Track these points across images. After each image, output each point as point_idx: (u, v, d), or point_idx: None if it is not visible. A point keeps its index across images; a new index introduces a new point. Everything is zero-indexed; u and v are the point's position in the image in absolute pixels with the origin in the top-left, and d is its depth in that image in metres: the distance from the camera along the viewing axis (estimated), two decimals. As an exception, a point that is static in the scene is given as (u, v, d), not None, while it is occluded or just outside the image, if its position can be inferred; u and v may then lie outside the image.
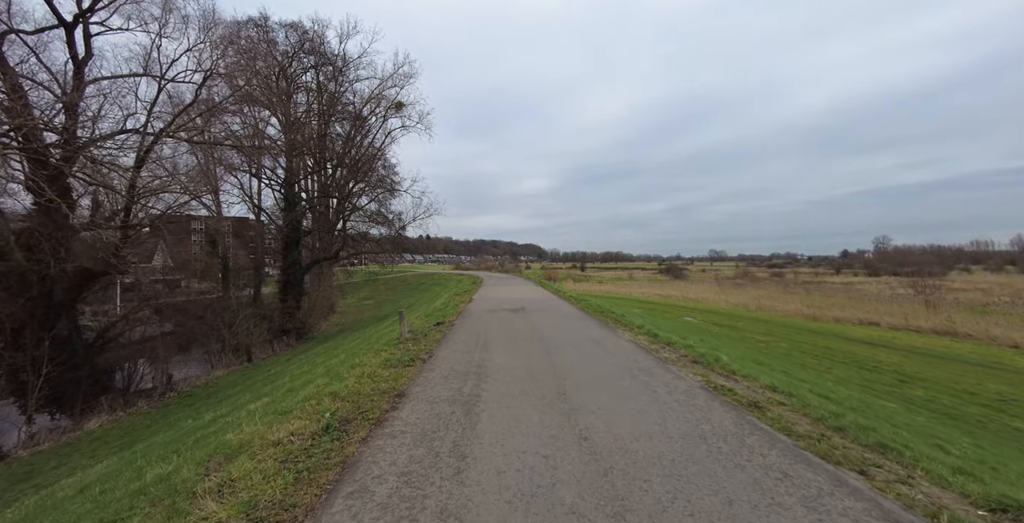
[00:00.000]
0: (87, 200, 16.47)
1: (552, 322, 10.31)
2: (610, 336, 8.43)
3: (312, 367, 11.42)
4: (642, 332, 9.19)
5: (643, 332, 9.18)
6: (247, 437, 3.96)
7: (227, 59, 14.16)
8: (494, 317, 11.13)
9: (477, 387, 5.05)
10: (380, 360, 6.53)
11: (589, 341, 7.87)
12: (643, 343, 7.90)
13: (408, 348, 7.40)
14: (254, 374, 16.82)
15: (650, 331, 9.14)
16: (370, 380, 5.45)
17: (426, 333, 8.95)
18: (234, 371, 18.42)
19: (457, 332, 8.99)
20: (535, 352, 6.90)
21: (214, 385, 16.41)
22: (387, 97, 31.40)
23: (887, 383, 14.31)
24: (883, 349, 20.22)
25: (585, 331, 9.04)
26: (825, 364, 16.80)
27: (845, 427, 3.82)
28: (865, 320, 29.17)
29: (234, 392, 13.38)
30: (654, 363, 6.29)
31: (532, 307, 13.33)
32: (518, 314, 11.62)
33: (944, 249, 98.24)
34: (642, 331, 9.26)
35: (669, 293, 47.72)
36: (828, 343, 20.97)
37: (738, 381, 5.56)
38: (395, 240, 29.99)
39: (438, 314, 12.01)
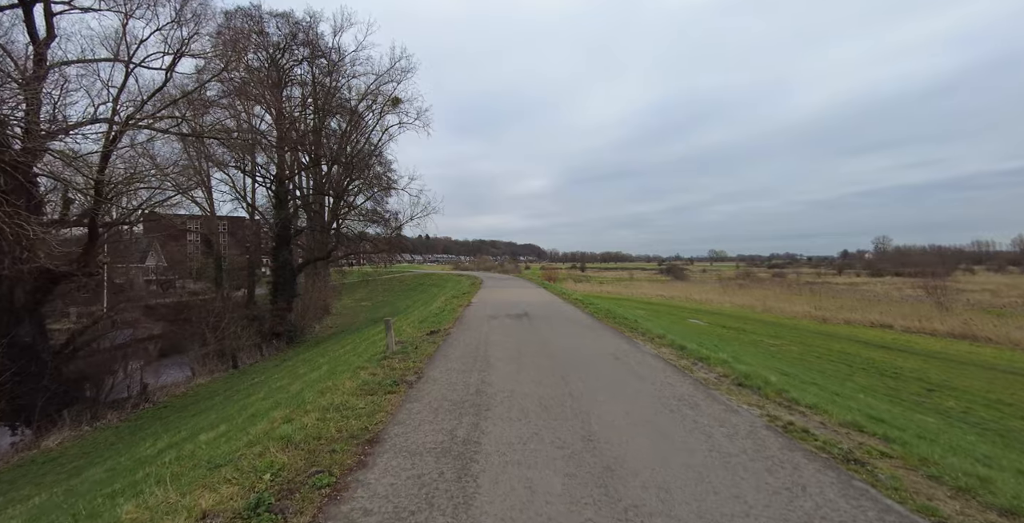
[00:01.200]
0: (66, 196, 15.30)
1: (561, 331, 9.09)
2: (631, 350, 7.21)
3: (291, 381, 10.19)
4: (664, 343, 7.97)
5: (666, 343, 7.97)
6: (143, 519, 2.72)
7: (202, 40, 12.96)
8: (495, 325, 9.91)
9: (475, 428, 3.82)
10: (357, 383, 5.29)
11: (608, 357, 6.64)
12: (671, 359, 6.68)
13: (394, 366, 6.16)
14: (236, 383, 15.58)
15: (674, 342, 7.93)
16: (338, 414, 4.22)
17: (417, 345, 7.72)
18: (217, 379, 17.17)
19: (453, 344, 7.76)
20: (546, 373, 5.68)
21: (193, 395, 15.16)
22: (383, 93, 30.17)
23: (914, 392, 13.14)
24: (901, 354, 19.06)
25: (600, 342, 7.82)
26: (844, 370, 15.65)
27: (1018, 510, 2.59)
28: (877, 322, 28.05)
29: (207, 406, 12.13)
30: (693, 388, 5.07)
31: (536, 312, 12.10)
32: (521, 321, 10.40)
33: (944, 249, 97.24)
34: (664, 342, 8.04)
35: (672, 294, 46.60)
36: (843, 347, 19.82)
37: (805, 415, 4.34)
38: (391, 240, 28.76)
39: (433, 321, 10.78)
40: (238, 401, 9.91)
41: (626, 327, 9.76)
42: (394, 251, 29.64)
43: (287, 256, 23.46)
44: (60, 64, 11.67)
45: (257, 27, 22.73)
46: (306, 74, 27.82)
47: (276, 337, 23.14)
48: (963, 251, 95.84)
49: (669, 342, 8.02)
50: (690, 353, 7.08)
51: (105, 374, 15.69)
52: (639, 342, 8.02)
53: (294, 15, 25.07)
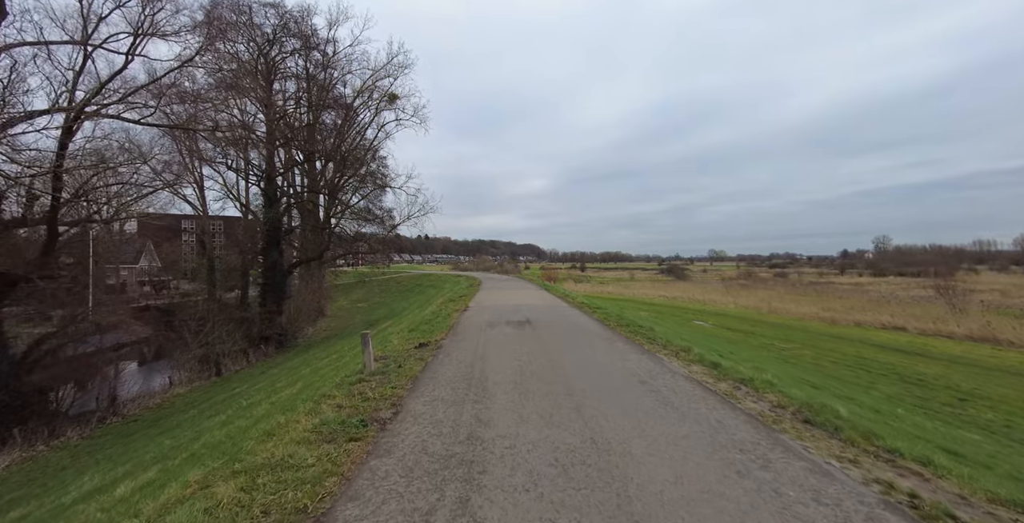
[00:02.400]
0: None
1: (569, 343, 7.83)
2: (657, 369, 5.95)
3: (264, 397, 8.94)
4: (692, 359, 6.72)
5: (693, 358, 6.72)
6: None
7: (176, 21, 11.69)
8: (493, 335, 8.65)
9: (462, 508, 2.58)
10: (314, 422, 4.03)
11: (632, 380, 5.39)
12: (707, 381, 5.43)
13: (367, 394, 4.90)
14: (215, 393, 14.32)
15: (703, 357, 6.68)
16: (273, 480, 2.97)
17: (402, 362, 6.47)
18: (197, 388, 15.90)
19: (444, 361, 6.50)
20: (557, 405, 4.42)
21: (168, 406, 13.90)
22: (380, 88, 28.94)
23: (944, 402, 11.92)
24: (920, 358, 17.85)
25: (619, 359, 6.57)
26: (864, 377, 14.44)
27: None
28: (889, 324, 26.85)
29: (176, 423, 10.87)
30: (751, 429, 3.82)
31: (540, 318, 10.85)
32: (524, 330, 9.14)
33: (945, 249, 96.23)
34: (693, 358, 6.79)
35: (674, 294, 45.44)
36: (858, 351, 18.62)
37: (927, 479, 3.09)
38: (386, 240, 27.53)
39: (424, 329, 9.52)
40: (200, 422, 8.66)
41: (643, 337, 8.51)
42: (390, 251, 28.42)
43: (277, 256, 22.20)
44: (11, 46, 10.41)
45: (244, 17, 21.46)
46: (299, 68, 26.59)
47: (265, 341, 21.87)
48: (964, 251, 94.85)
49: (697, 357, 6.77)
50: (727, 373, 5.83)
51: (73, 383, 14.42)
52: (663, 358, 6.77)
53: (284, 5, 23.81)
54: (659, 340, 8.23)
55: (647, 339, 8.33)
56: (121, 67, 11.27)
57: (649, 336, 8.63)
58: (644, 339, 8.33)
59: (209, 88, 18.20)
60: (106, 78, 10.94)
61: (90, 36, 10.32)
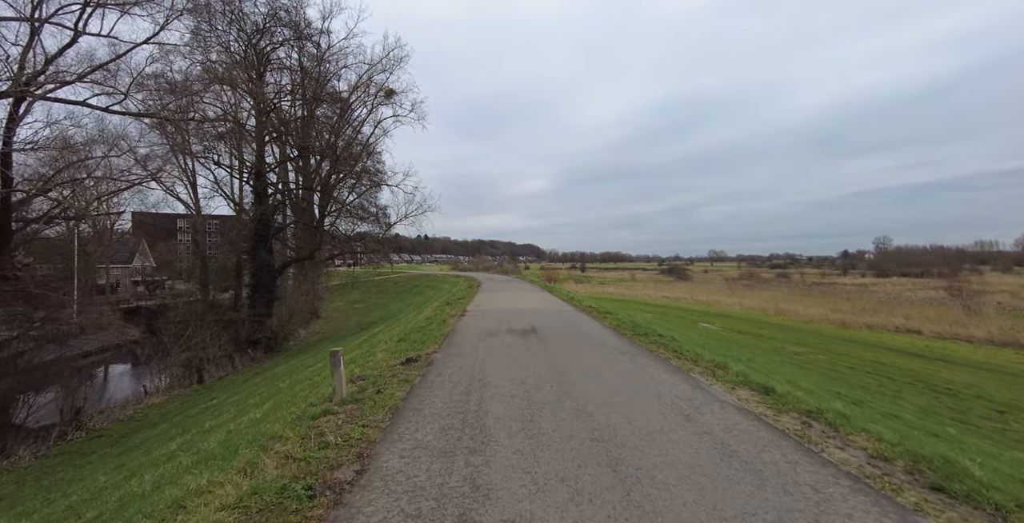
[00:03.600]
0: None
1: (584, 358, 6.59)
2: (699, 397, 4.71)
3: (232, 417, 7.71)
4: (734, 379, 5.49)
5: (735, 379, 5.49)
6: None
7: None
8: (494, 347, 7.41)
9: None
10: (243, 490, 2.81)
11: (674, 414, 4.15)
12: (768, 417, 4.19)
13: (327, 437, 3.65)
14: (192, 404, 13.07)
15: (748, 378, 5.45)
16: None
17: (382, 385, 5.23)
18: (175, 397, 14.65)
19: (433, 385, 5.26)
20: (585, 464, 3.18)
21: (140, 418, 12.65)
22: (376, 83, 27.72)
23: (983, 414, 10.70)
24: (943, 364, 16.65)
25: (648, 381, 5.33)
26: (887, 386, 13.22)
27: None
28: (903, 327, 25.67)
29: (141, 441, 9.64)
30: (874, 508, 2.61)
31: (545, 325, 9.62)
32: (529, 340, 7.91)
33: (946, 249, 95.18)
34: (734, 377, 5.55)
35: (677, 295, 44.28)
36: (875, 356, 17.41)
37: None
38: (383, 239, 26.30)
39: (415, 338, 8.27)
40: (153, 449, 7.42)
41: (667, 350, 7.28)
42: (387, 251, 27.20)
43: (266, 256, 20.94)
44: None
45: (231, 5, 20.20)
46: (291, 60, 25.33)
47: (253, 345, 20.62)
48: (964, 251, 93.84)
49: (740, 377, 5.54)
50: (785, 401, 4.60)
51: (35, 393, 13.16)
52: (699, 378, 5.53)
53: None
54: (686, 353, 7.00)
55: (672, 352, 7.10)
56: (69, 41, 10.00)
57: (673, 348, 7.40)
58: (669, 352, 7.10)
59: (193, 79, 17.00)
60: (65, 58, 9.70)
61: (37, 6, 9.05)
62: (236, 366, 18.38)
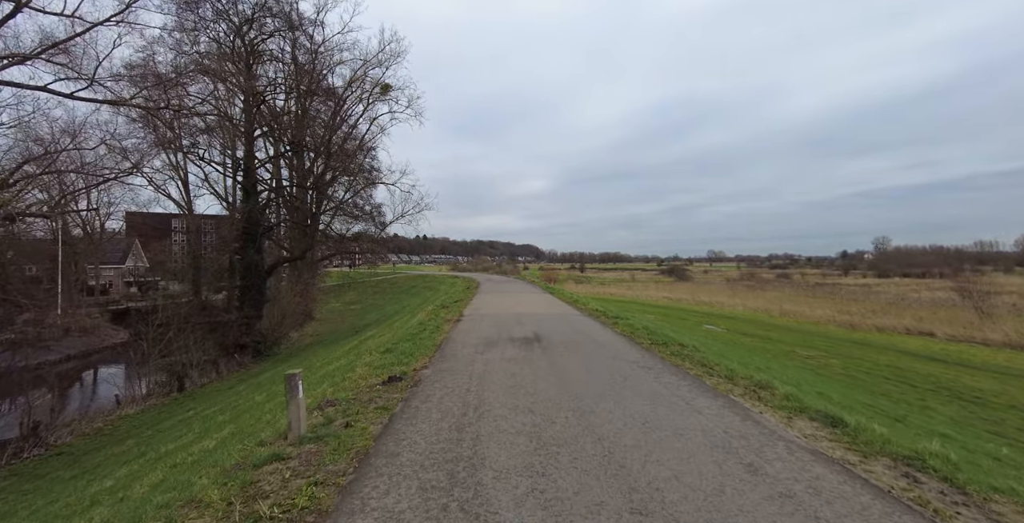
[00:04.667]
0: None
1: (601, 376, 5.53)
2: (754, 433, 3.64)
3: (191, 441, 6.63)
4: (786, 403, 4.43)
5: (788, 403, 4.43)
6: None
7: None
8: (493, 360, 6.35)
9: None
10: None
11: (731, 462, 3.09)
12: (854, 465, 3.14)
13: (259, 507, 2.60)
14: (164, 418, 11.99)
15: (802, 402, 4.40)
16: None
17: (353, 417, 4.17)
18: (151, 407, 13.55)
19: (417, 416, 4.19)
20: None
21: (109, 432, 11.55)
22: (372, 79, 26.68)
23: (1019, 426, 9.72)
24: (963, 369, 15.62)
25: (684, 409, 4.26)
26: (910, 393, 12.18)
27: None
28: (914, 329, 24.66)
29: (98, 461, 8.56)
30: None
31: (550, 332, 8.56)
32: (532, 352, 6.85)
33: (945, 250, 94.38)
34: (784, 401, 4.49)
35: (679, 296, 43.30)
36: (890, 360, 16.40)
37: None
38: (379, 239, 25.24)
39: (404, 349, 7.20)
40: (90, 484, 6.33)
41: (692, 363, 6.22)
42: (382, 251, 26.14)
43: (254, 256, 19.85)
44: None
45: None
46: (284, 53, 24.26)
47: (241, 350, 19.53)
48: (964, 252, 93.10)
49: (792, 401, 4.49)
50: (864, 438, 3.55)
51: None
52: (743, 403, 4.47)
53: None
54: (717, 368, 5.95)
55: (701, 366, 6.04)
56: (8, 13, 8.90)
57: (700, 360, 6.35)
58: (697, 366, 6.04)
59: (174, 68, 15.92)
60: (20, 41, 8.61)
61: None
62: (221, 372, 17.29)
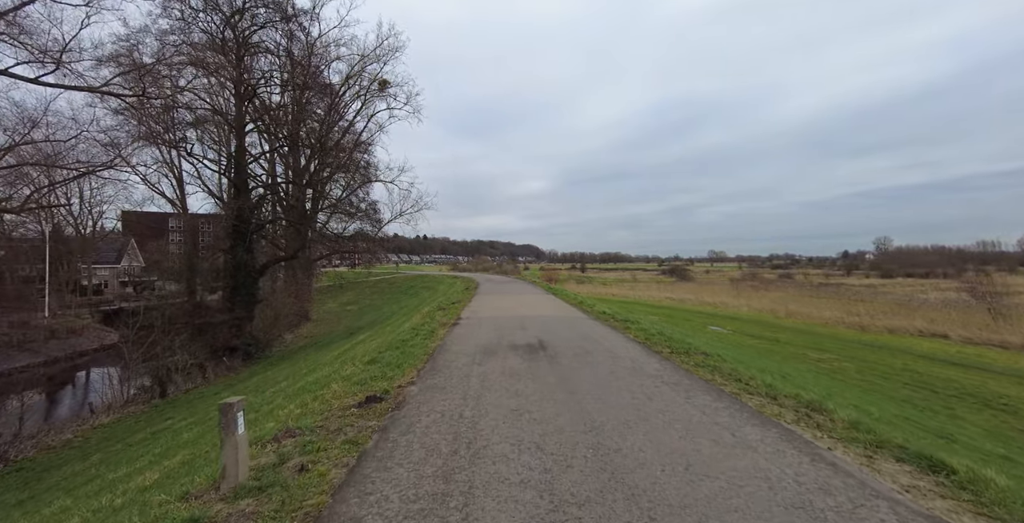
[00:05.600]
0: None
1: (622, 397, 4.59)
2: (837, 484, 2.72)
3: (151, 461, 5.71)
4: (860, 436, 3.51)
5: (867, 438, 3.52)
6: None
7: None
8: (491, 372, 5.43)
9: None
10: None
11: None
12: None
13: None
14: (143, 426, 11.07)
15: (877, 435, 3.50)
16: None
17: (313, 456, 3.24)
18: (129, 415, 12.63)
19: (394, 455, 3.26)
20: None
21: (78, 445, 10.62)
22: (370, 74, 25.79)
23: None
24: (985, 374, 14.66)
25: (734, 445, 3.32)
26: (933, 400, 11.25)
27: None
28: (927, 331, 23.69)
29: (60, 479, 7.64)
30: None
31: (557, 339, 7.64)
32: (538, 363, 5.93)
33: (947, 250, 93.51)
34: (852, 432, 3.58)
35: (682, 296, 42.39)
36: (905, 363, 15.45)
37: None
38: (376, 239, 24.31)
39: (389, 360, 6.26)
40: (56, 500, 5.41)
41: (724, 376, 5.30)
42: (379, 250, 25.22)
43: (244, 255, 18.92)
44: None
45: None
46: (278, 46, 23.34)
47: (230, 352, 18.60)
48: (965, 252, 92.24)
49: (863, 430, 3.57)
50: (990, 495, 2.64)
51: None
52: (804, 435, 3.55)
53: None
54: (754, 383, 5.02)
55: (734, 381, 5.12)
56: None
57: (730, 373, 5.42)
58: (730, 381, 5.12)
59: (156, 55, 15.00)
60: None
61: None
62: (208, 376, 16.37)
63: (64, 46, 9.40)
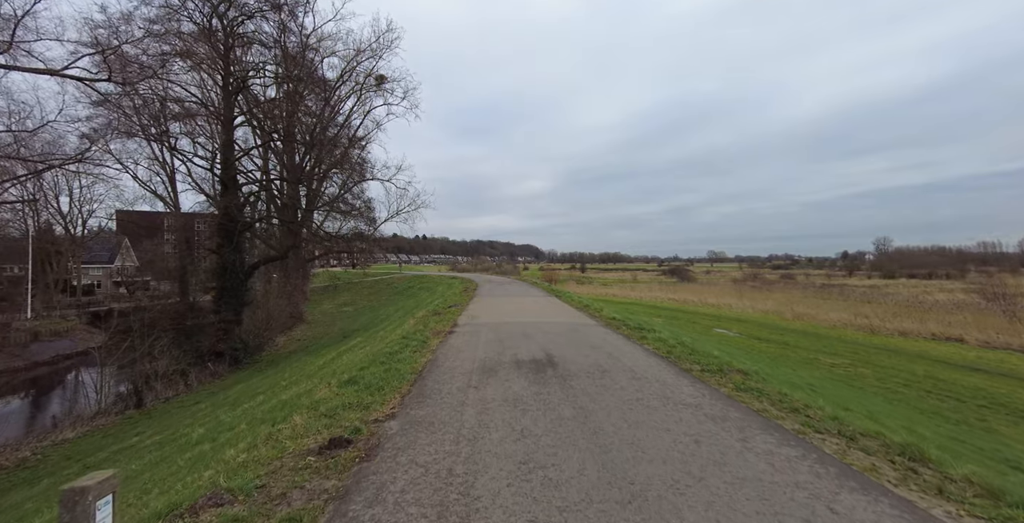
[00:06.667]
0: None
1: (657, 437, 3.54)
2: None
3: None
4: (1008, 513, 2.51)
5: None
6: None
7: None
8: (492, 403, 4.36)
9: None
10: None
11: None
12: None
13: None
14: (109, 442, 10.00)
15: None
16: None
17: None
18: (99, 428, 11.54)
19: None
20: None
21: (33, 465, 9.52)
22: (366, 69, 24.75)
23: None
24: (1015, 382, 13.67)
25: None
26: (965, 412, 10.22)
27: None
28: (940, 334, 22.69)
29: (1, 509, 6.59)
30: None
31: (565, 351, 6.59)
32: (546, 385, 4.88)
33: (947, 251, 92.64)
34: (985, 500, 2.58)
35: (684, 298, 41.41)
36: (926, 369, 14.40)
37: None
38: (370, 238, 23.25)
39: (370, 379, 5.19)
40: None
41: (775, 404, 4.26)
42: (374, 250, 24.17)
43: (232, 255, 17.83)
44: None
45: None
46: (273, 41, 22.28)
47: (217, 357, 17.53)
48: (965, 252, 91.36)
49: (1013, 504, 2.55)
50: None
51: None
52: (929, 507, 2.53)
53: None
54: (814, 413, 3.98)
55: (789, 410, 4.08)
56: None
57: (781, 399, 4.38)
58: (786, 412, 4.07)
59: (119, 34, 13.83)
60: None
61: None
62: (190, 384, 15.28)
63: (15, 24, 8.30)
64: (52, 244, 30.71)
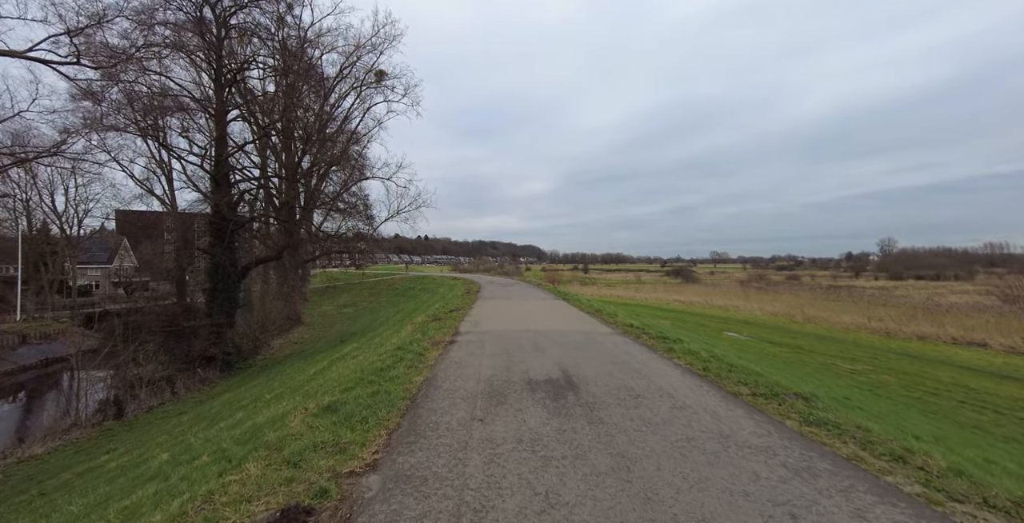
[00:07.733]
0: None
1: (733, 501, 2.56)
2: None
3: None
4: None
5: None
6: None
7: None
8: (503, 447, 3.37)
9: None
10: None
11: None
12: None
13: None
14: (79, 460, 9.05)
15: None
16: None
17: None
18: (72, 442, 10.60)
19: None
20: None
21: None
22: (365, 64, 23.85)
23: None
24: None
25: None
26: (1008, 426, 9.24)
27: None
28: (962, 339, 21.61)
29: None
30: None
31: (585, 367, 5.61)
32: (569, 418, 3.89)
33: (953, 252, 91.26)
34: None
35: (690, 299, 40.42)
36: (953, 377, 13.34)
37: None
38: (370, 238, 22.33)
39: (353, 408, 4.19)
40: None
41: (867, 448, 3.28)
42: (373, 250, 23.25)
43: (224, 255, 16.90)
44: None
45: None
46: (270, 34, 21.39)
47: (207, 362, 16.59)
48: (971, 254, 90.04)
49: None
50: None
51: None
52: None
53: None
54: (924, 460, 3.00)
55: (887, 458, 3.09)
56: None
57: (876, 442, 3.39)
58: (881, 459, 3.08)
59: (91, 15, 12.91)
60: None
61: None
62: (177, 391, 14.34)
63: None
64: (47, 244, 29.88)
